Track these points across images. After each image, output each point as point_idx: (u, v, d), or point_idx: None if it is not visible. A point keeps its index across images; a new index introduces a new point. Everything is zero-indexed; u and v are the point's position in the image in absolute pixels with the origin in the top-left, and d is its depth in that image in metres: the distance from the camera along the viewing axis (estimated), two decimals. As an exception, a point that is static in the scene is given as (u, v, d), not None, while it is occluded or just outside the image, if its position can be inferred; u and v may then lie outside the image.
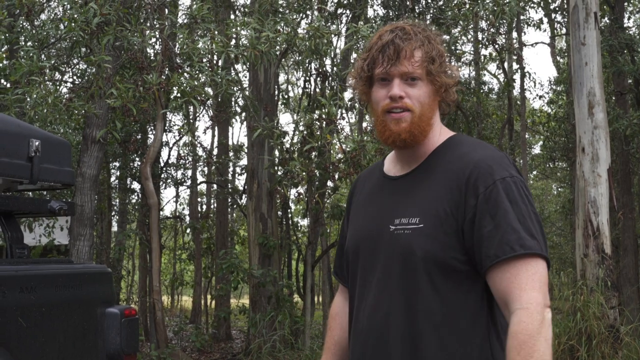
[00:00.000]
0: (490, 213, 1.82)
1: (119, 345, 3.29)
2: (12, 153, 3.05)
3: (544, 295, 1.78)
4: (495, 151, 1.94)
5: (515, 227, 1.81)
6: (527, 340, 1.73)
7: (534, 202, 1.90)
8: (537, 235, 1.82)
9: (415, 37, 1.95)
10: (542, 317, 1.75)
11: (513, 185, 1.85)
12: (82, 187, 9.11)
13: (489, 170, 1.85)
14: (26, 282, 2.84)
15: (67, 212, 3.25)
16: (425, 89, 1.94)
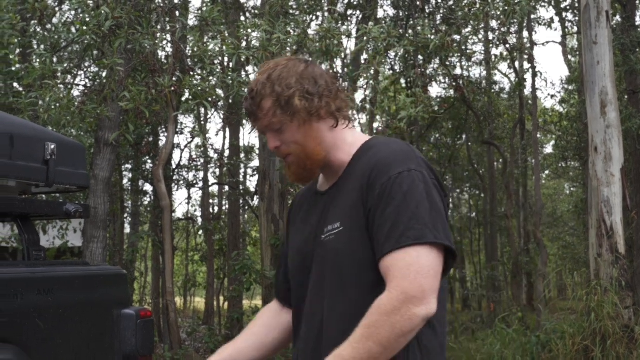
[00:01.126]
0: (382, 208, 1.84)
1: (135, 346, 3.31)
2: (28, 156, 3.08)
3: (417, 287, 1.75)
4: (400, 148, 1.95)
5: (401, 220, 1.81)
6: (377, 319, 1.75)
7: (436, 193, 1.86)
8: (426, 224, 1.80)
9: (261, 90, 1.98)
10: (401, 306, 1.74)
11: (407, 179, 1.84)
12: (95, 190, 9.15)
13: (386, 168, 1.88)
14: (43, 284, 2.87)
15: (83, 215, 3.28)
16: (293, 127, 1.98)
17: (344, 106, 2.05)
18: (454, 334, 10.26)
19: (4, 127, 3.04)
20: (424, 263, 1.77)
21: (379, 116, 16.25)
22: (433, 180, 1.88)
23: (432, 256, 1.78)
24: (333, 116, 2.01)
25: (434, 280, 1.77)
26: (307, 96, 1.97)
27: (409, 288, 1.74)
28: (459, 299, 22.33)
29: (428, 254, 1.78)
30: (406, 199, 1.82)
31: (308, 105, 1.97)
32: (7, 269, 2.93)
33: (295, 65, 2.02)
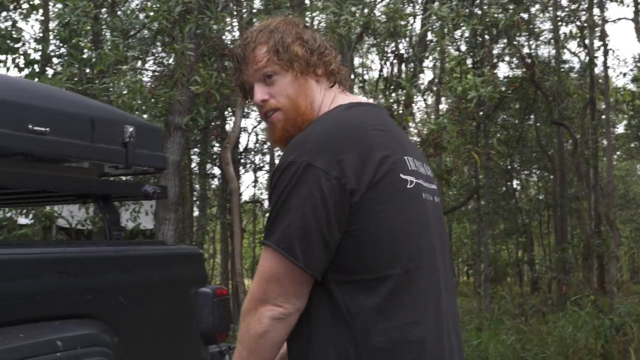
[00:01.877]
0: None
1: (212, 323, 3.38)
2: (108, 139, 3.16)
3: (260, 289, 1.76)
4: (305, 133, 1.81)
5: (268, 218, 1.81)
6: (240, 323, 1.83)
7: (299, 188, 1.72)
8: (273, 224, 1.76)
9: (257, 37, 1.90)
10: (250, 307, 1.77)
11: (278, 174, 1.77)
12: (166, 173, 9.33)
13: (279, 160, 1.82)
14: (125, 262, 2.96)
15: (160, 196, 3.35)
16: (287, 78, 1.89)
17: (338, 70, 1.96)
18: (524, 317, 10.14)
19: (85, 110, 3.13)
20: (266, 267, 1.77)
21: (444, 98, 16.09)
22: (315, 171, 1.71)
23: (275, 261, 1.74)
24: (331, 74, 1.94)
25: (275, 286, 1.74)
26: (307, 46, 1.90)
27: (254, 290, 1.78)
28: (528, 282, 22.03)
29: (271, 257, 1.76)
30: (271, 196, 1.79)
31: (307, 55, 1.89)
32: (91, 247, 3.03)
33: (294, 22, 1.96)
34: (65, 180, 2.93)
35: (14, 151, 2.74)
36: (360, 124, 1.82)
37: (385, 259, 1.74)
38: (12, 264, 2.45)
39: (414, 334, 1.73)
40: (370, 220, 1.73)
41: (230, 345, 3.86)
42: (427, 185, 1.91)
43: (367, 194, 1.72)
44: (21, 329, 2.42)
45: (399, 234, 1.76)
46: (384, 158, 1.76)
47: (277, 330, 1.76)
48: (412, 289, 1.76)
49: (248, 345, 1.78)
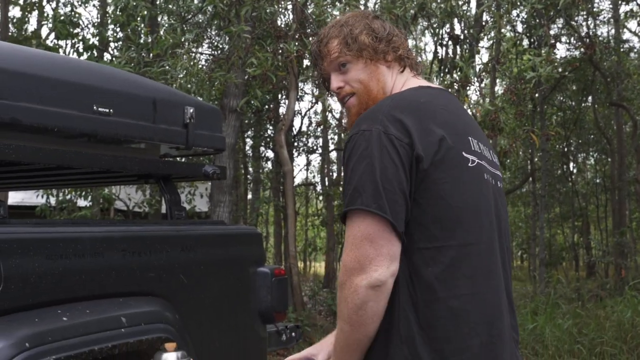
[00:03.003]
0: None
1: (270, 303, 3.42)
2: (169, 120, 3.21)
3: (352, 258, 1.75)
4: (378, 105, 1.90)
5: (344, 187, 1.82)
6: (338, 296, 1.80)
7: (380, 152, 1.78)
8: (357, 189, 1.77)
9: (329, 32, 2.04)
10: (345, 279, 1.75)
11: (352, 142, 1.83)
12: (221, 155, 9.42)
13: (350, 132, 1.87)
14: (186, 241, 3.00)
15: (220, 176, 3.39)
16: (359, 65, 2.01)
17: (408, 54, 2.06)
18: (581, 301, 9.99)
19: (147, 92, 3.18)
20: (356, 232, 1.76)
21: (500, 79, 15.86)
22: (388, 135, 1.79)
23: (366, 222, 1.75)
24: (400, 59, 2.04)
25: (369, 249, 1.74)
26: (374, 35, 2.02)
27: (346, 260, 1.77)
28: (584, 266, 21.69)
29: (361, 221, 1.76)
30: (347, 163, 1.82)
31: (375, 43, 2.01)
32: (154, 227, 3.08)
33: (363, 14, 2.08)
34: (128, 160, 2.98)
35: (80, 132, 2.80)
36: (428, 101, 1.91)
37: (447, 229, 1.81)
38: (78, 241, 2.51)
39: (472, 305, 1.80)
40: (434, 190, 1.80)
41: (287, 325, 3.90)
42: (491, 169, 1.98)
43: (433, 164, 1.79)
44: (87, 305, 2.48)
45: (460, 207, 1.83)
46: (448, 135, 1.84)
47: (375, 299, 1.74)
48: (472, 262, 1.83)
49: (349, 319, 1.77)
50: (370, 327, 1.77)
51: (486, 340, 1.81)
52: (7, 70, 2.49)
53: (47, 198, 10.91)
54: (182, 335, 2.80)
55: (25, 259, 2.29)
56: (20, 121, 2.55)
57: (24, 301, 2.28)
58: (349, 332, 1.78)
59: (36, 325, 2.25)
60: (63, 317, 2.34)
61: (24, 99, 2.56)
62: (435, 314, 1.78)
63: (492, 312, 1.84)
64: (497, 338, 1.85)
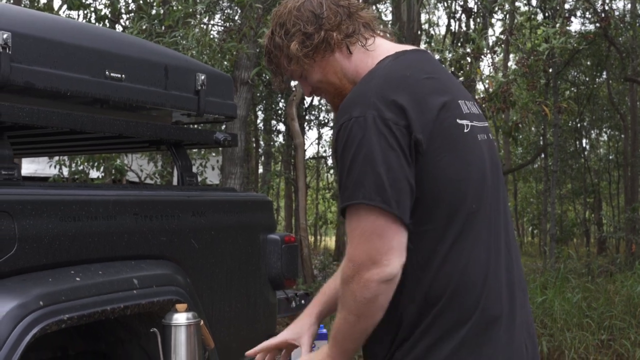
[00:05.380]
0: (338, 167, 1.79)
1: (280, 269, 3.45)
2: (180, 86, 3.22)
3: (361, 252, 1.69)
4: (360, 86, 1.81)
5: (340, 180, 1.76)
6: (341, 288, 1.75)
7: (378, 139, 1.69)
8: (357, 182, 1.69)
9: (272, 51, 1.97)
10: (353, 274, 1.70)
11: (345, 131, 1.73)
12: (233, 128, 9.45)
13: (336, 119, 1.80)
14: (197, 206, 3.03)
15: (231, 143, 3.41)
16: (311, 69, 1.94)
17: (355, 29, 1.93)
18: (591, 276, 10.01)
19: (159, 58, 3.19)
20: (363, 226, 1.70)
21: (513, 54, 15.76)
22: (384, 121, 1.70)
23: (371, 217, 1.69)
24: (343, 44, 1.92)
25: (379, 243, 1.68)
26: (305, 39, 1.90)
27: (354, 255, 1.71)
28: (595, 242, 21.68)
29: (365, 215, 1.69)
30: (343, 154, 1.73)
31: (306, 45, 1.90)
32: (165, 192, 3.12)
33: (285, 12, 1.95)
34: (140, 125, 3.00)
35: (92, 97, 2.82)
36: (413, 74, 1.82)
37: (450, 206, 1.77)
38: (90, 204, 2.54)
39: (475, 273, 1.78)
40: (433, 168, 1.75)
41: (297, 292, 3.94)
42: (480, 124, 1.93)
43: (430, 143, 1.73)
44: (100, 267, 2.52)
45: (460, 180, 1.79)
46: (441, 106, 1.78)
47: (386, 292, 1.71)
48: (473, 231, 1.80)
49: (356, 311, 1.73)
50: (378, 317, 1.75)
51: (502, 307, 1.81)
52: (21, 34, 2.51)
53: (60, 168, 10.97)
54: (193, 298, 2.84)
55: (39, 221, 2.33)
56: (33, 85, 2.58)
57: (38, 261, 2.32)
58: (354, 323, 1.76)
59: (50, 285, 2.28)
60: (76, 278, 2.38)
61: (37, 62, 2.58)
62: (443, 291, 1.76)
63: (493, 275, 1.82)
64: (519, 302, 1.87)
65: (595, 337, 7.17)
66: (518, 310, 1.88)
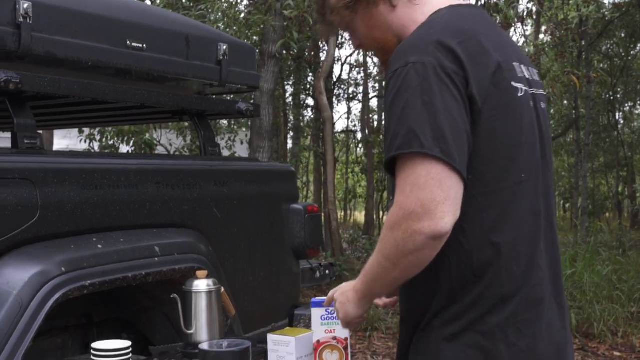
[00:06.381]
0: (384, 115, 1.70)
1: (303, 239, 3.47)
2: (202, 56, 3.22)
3: (414, 201, 1.55)
4: (417, 33, 1.71)
5: (390, 127, 1.63)
6: (384, 233, 1.64)
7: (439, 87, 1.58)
8: (412, 129, 1.57)
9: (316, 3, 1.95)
10: (401, 222, 1.57)
11: (399, 77, 1.63)
12: (260, 101, 9.44)
13: (389, 66, 1.68)
14: (219, 176, 3.05)
15: (254, 113, 3.41)
16: (358, 21, 1.88)
17: None
18: (622, 249, 9.91)
19: (181, 28, 3.19)
20: (420, 173, 1.56)
21: (545, 26, 15.54)
22: (444, 69, 1.60)
23: (429, 164, 1.56)
24: None
25: (436, 191, 1.55)
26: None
27: (405, 203, 1.58)
28: (628, 217, 21.44)
29: (423, 163, 1.56)
30: (395, 99, 1.62)
31: (345, 0, 1.84)
32: (187, 161, 3.14)
33: None
34: (162, 95, 3.02)
35: (113, 66, 2.83)
36: (472, 27, 1.73)
37: (500, 170, 1.69)
38: (112, 173, 2.57)
39: (523, 247, 1.72)
40: (486, 129, 1.66)
41: (322, 263, 3.95)
42: (535, 91, 1.84)
43: (485, 102, 1.65)
44: (122, 235, 2.55)
45: (512, 145, 1.71)
46: (496, 66, 1.68)
47: (432, 249, 1.60)
48: (521, 203, 1.72)
49: (395, 260, 1.63)
50: (415, 272, 1.66)
51: (541, 282, 1.76)
52: (41, 3, 2.52)
53: (91, 143, 11.08)
54: (215, 267, 2.86)
55: (61, 189, 2.36)
56: (54, 54, 2.59)
57: (60, 229, 2.35)
58: (389, 270, 1.67)
59: (72, 252, 2.32)
60: (98, 245, 2.41)
61: (58, 32, 2.60)
62: (487, 261, 1.68)
63: (538, 250, 1.76)
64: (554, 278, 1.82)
65: (625, 310, 7.12)
66: (560, 290, 1.84)
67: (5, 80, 2.34)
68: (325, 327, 2.39)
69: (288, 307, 3.42)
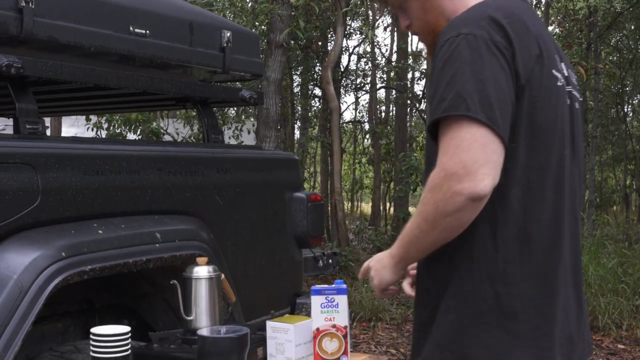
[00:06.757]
0: (431, 82, 1.73)
1: (306, 227, 3.46)
2: (206, 43, 3.22)
3: (456, 162, 1.59)
4: (471, 11, 1.76)
5: (437, 90, 1.67)
6: (424, 195, 1.68)
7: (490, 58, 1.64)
8: (460, 93, 1.62)
9: None
10: (442, 183, 1.61)
11: (451, 45, 1.68)
12: (267, 91, 9.43)
13: (440, 37, 1.73)
14: (221, 163, 3.04)
15: (257, 101, 3.40)
16: (412, 4, 1.92)
17: None
18: (628, 242, 9.88)
19: (184, 14, 3.19)
20: (464, 135, 1.61)
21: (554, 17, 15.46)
22: (494, 43, 1.66)
23: (474, 128, 1.60)
24: None
25: (479, 153, 1.59)
26: None
27: (447, 164, 1.61)
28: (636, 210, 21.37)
29: (469, 126, 1.61)
30: (445, 67, 1.67)
31: None
32: (189, 148, 3.14)
33: None
34: (165, 82, 3.01)
35: (116, 52, 2.83)
36: (520, 12, 1.78)
37: (534, 150, 1.73)
38: (114, 159, 2.56)
39: (548, 232, 1.75)
40: (525, 108, 1.70)
41: (324, 252, 3.95)
42: (572, 90, 1.89)
43: (528, 81, 1.70)
44: (122, 221, 2.55)
45: (547, 129, 1.74)
46: (539, 53, 1.74)
47: (471, 210, 1.63)
48: (552, 187, 1.76)
49: (434, 221, 1.67)
50: (453, 233, 1.69)
51: (562, 268, 1.78)
52: (44, -12, 2.52)
53: (98, 131, 11.10)
54: (216, 254, 2.86)
55: (62, 174, 2.35)
56: (57, 39, 2.59)
57: (61, 214, 2.35)
58: (427, 232, 1.70)
59: (72, 237, 2.32)
60: (99, 230, 2.41)
61: (60, 17, 2.59)
62: (512, 235, 1.72)
63: (567, 239, 1.80)
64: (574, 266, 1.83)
65: (630, 303, 7.10)
66: (579, 280, 1.87)
67: (7, 64, 2.34)
68: (325, 315, 2.39)
69: (290, 296, 3.41)
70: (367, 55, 16.73)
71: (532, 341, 1.72)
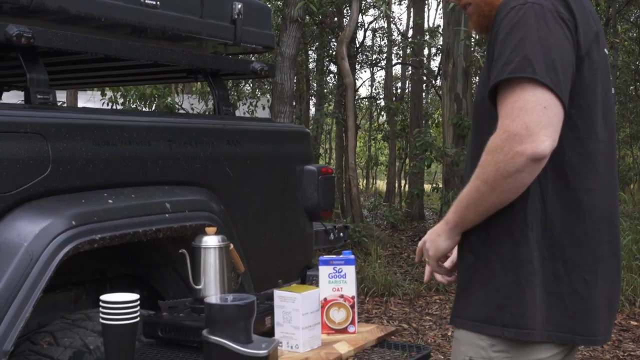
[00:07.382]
0: (493, 46, 1.77)
1: (316, 200, 3.47)
2: (216, 15, 3.21)
3: (519, 123, 1.64)
4: None
5: (503, 54, 1.71)
6: (484, 157, 1.72)
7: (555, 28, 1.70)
8: (527, 57, 1.67)
9: None
10: (503, 144, 1.66)
11: (518, 13, 1.72)
12: (282, 66, 9.41)
13: (504, 6, 1.77)
14: (232, 135, 3.05)
15: (268, 73, 3.40)
16: None
17: None
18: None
19: (195, -14, 3.18)
20: (528, 98, 1.66)
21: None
22: (559, 14, 1.72)
23: (538, 91, 1.66)
24: None
25: (542, 115, 1.64)
26: None
27: (510, 125, 1.66)
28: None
29: (533, 89, 1.66)
30: (511, 32, 1.72)
31: None
32: (200, 120, 3.14)
33: None
34: (175, 53, 3.01)
35: (126, 23, 2.83)
36: None
37: (588, 121, 1.80)
38: (124, 129, 2.57)
39: (599, 202, 1.82)
40: (582, 80, 1.78)
41: (336, 225, 3.96)
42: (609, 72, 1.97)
43: (587, 54, 1.78)
44: (133, 191, 2.57)
45: (598, 102, 1.82)
46: (595, 34, 1.82)
47: (531, 171, 1.68)
48: (602, 159, 1.84)
49: (493, 182, 1.70)
50: (512, 195, 1.73)
51: (606, 239, 1.84)
52: (54, -42, 2.52)
53: (113, 106, 11.14)
54: (226, 225, 2.87)
55: (73, 144, 2.37)
56: (67, 10, 2.60)
57: (71, 183, 2.37)
58: (486, 194, 1.74)
59: (82, 206, 2.34)
60: (109, 200, 2.43)
61: (71, -13, 2.59)
62: (562, 203, 1.78)
63: (611, 213, 1.86)
64: (615, 239, 1.88)
65: (644, 280, 7.07)
66: (617, 252, 1.92)
67: (17, 34, 2.35)
68: (333, 285, 2.41)
69: (301, 268, 3.44)
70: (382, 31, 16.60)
71: (570, 304, 1.78)
